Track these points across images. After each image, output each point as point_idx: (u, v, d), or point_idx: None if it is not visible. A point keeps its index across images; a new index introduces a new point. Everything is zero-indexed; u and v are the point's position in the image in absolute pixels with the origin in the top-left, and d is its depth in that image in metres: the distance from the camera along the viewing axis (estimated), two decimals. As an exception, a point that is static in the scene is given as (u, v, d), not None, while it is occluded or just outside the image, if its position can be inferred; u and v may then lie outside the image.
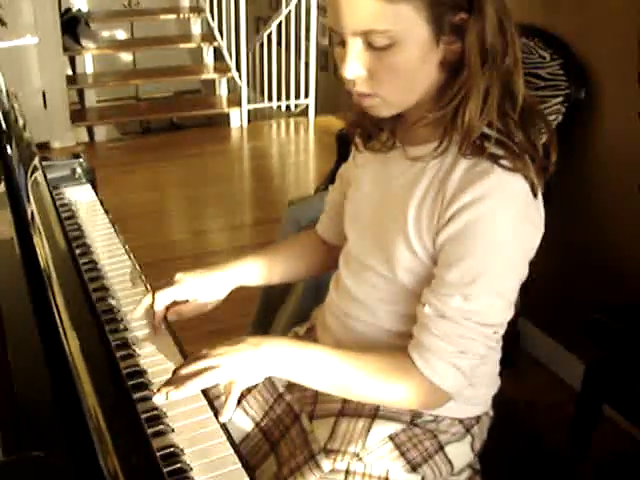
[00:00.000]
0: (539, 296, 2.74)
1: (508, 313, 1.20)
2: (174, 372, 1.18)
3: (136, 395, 1.19)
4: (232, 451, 1.14)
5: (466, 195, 1.12)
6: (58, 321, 1.04)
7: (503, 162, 1.12)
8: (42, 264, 1.18)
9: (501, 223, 1.13)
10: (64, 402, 0.88)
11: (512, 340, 2.86)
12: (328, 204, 1.56)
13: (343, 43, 1.14)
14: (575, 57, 2.49)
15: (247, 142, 5.67)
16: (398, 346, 1.28)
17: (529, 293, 2.61)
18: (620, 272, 2.46)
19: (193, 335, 2.90)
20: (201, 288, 1.45)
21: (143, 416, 1.13)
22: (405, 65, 1.13)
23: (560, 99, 2.45)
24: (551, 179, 2.53)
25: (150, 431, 1.10)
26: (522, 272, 1.20)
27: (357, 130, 1.36)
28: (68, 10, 6.02)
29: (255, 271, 1.52)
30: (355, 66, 1.14)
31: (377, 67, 1.13)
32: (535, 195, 1.16)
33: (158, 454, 1.05)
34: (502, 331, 1.22)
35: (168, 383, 1.15)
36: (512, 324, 2.83)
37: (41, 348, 0.97)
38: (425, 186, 1.20)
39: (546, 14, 2.62)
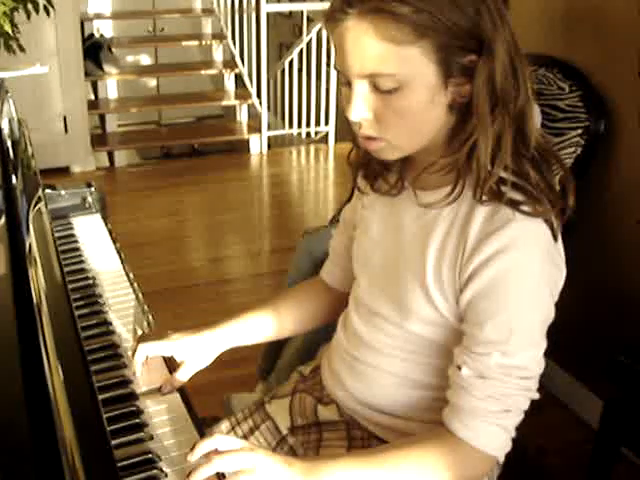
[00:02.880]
0: (559, 333, 2.68)
1: (543, 360, 1.17)
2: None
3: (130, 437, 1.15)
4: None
5: (489, 246, 1.09)
6: (44, 357, 1.00)
7: (523, 207, 1.09)
8: (35, 297, 1.14)
9: (529, 272, 1.10)
10: (41, 443, 0.85)
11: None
12: (332, 250, 1.52)
13: (349, 84, 1.11)
14: (595, 89, 2.44)
15: (267, 169, 5.66)
16: (417, 397, 1.26)
17: (549, 329, 2.58)
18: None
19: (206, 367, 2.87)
20: (188, 348, 1.38)
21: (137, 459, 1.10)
22: (412, 108, 1.09)
23: (579, 131, 2.41)
24: (570, 215, 2.50)
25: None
26: (551, 316, 1.17)
27: (361, 171, 1.32)
28: (91, 35, 6.06)
29: (254, 329, 1.46)
30: (361, 109, 1.11)
31: (383, 110, 1.10)
32: (555, 238, 1.13)
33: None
34: (537, 381, 1.18)
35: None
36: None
37: (22, 385, 0.93)
38: (442, 234, 1.16)
39: (565, 45, 2.59)
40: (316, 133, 6.09)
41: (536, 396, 1.16)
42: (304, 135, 6.10)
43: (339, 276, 1.49)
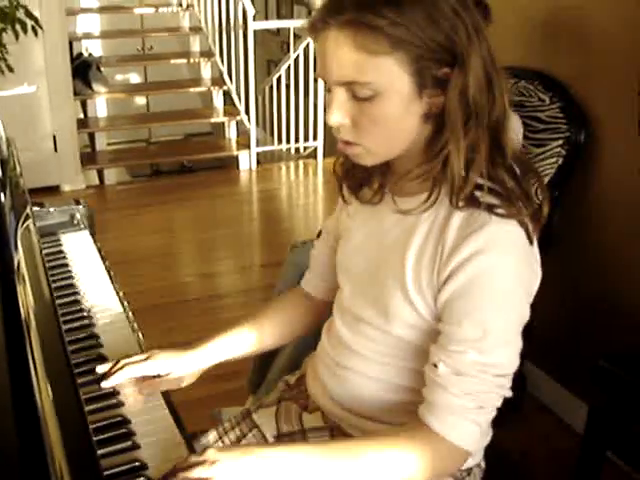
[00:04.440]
0: (545, 341, 2.72)
1: (518, 359, 1.19)
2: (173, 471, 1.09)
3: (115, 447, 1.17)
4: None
5: (466, 248, 1.12)
6: (33, 376, 1.02)
7: (498, 210, 1.12)
8: (23, 312, 1.17)
9: (504, 273, 1.13)
10: (29, 457, 0.87)
11: (518, 384, 2.84)
12: (313, 259, 1.55)
13: (330, 90, 1.16)
14: (574, 100, 2.49)
15: (256, 184, 5.70)
16: (399, 401, 1.28)
17: (535, 337, 2.60)
18: (625, 316, 2.43)
19: (198, 378, 2.89)
20: (171, 367, 1.40)
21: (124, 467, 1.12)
22: (387, 116, 1.13)
23: (560, 142, 2.45)
24: (553, 223, 2.53)
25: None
26: (526, 317, 1.21)
27: (345, 181, 1.35)
28: (80, 54, 6.10)
29: (238, 344, 1.49)
30: (338, 114, 1.15)
31: (360, 117, 1.14)
32: (531, 242, 1.17)
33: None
34: (511, 379, 1.20)
35: None
36: (518, 368, 2.81)
37: (11, 400, 0.95)
38: (422, 238, 1.19)
39: (546, 58, 2.63)
40: (305, 148, 6.13)
41: (509, 394, 1.18)
42: (293, 151, 6.14)
43: (319, 285, 1.53)
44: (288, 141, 6.08)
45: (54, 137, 5.20)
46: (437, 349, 1.17)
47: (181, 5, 6.97)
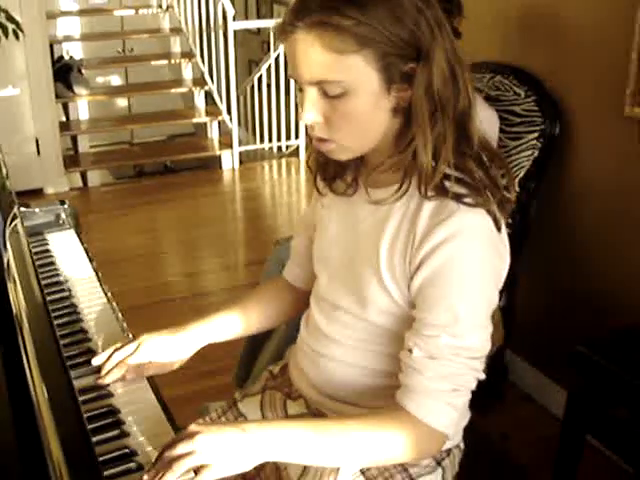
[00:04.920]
0: (526, 329, 2.77)
1: (489, 342, 1.23)
2: (160, 454, 1.11)
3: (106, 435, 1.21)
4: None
5: (436, 236, 1.17)
6: (27, 370, 1.06)
7: (466, 200, 1.17)
8: (15, 312, 1.21)
9: (472, 259, 1.18)
10: (28, 453, 0.90)
11: (500, 373, 2.90)
12: (293, 250, 1.60)
13: (302, 90, 1.20)
14: (549, 94, 2.55)
15: (239, 183, 5.73)
16: (375, 385, 1.33)
17: (516, 327, 2.66)
18: (603, 303, 2.49)
19: (186, 375, 2.93)
20: (164, 350, 1.44)
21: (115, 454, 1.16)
22: (358, 112, 1.18)
23: (536, 134, 2.50)
24: (530, 214, 2.59)
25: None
26: (495, 302, 1.25)
27: (320, 174, 1.40)
28: (61, 57, 6.11)
29: (225, 327, 1.54)
30: (312, 113, 1.19)
31: (332, 114, 1.19)
32: (499, 229, 1.21)
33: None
34: (484, 361, 1.24)
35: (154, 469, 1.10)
36: (499, 357, 2.86)
37: (7, 397, 0.99)
38: (395, 226, 1.24)
39: (521, 53, 2.68)
40: (287, 147, 6.17)
41: (482, 376, 1.23)
42: (275, 149, 6.18)
43: (300, 275, 1.58)
44: (270, 140, 6.11)
45: (37, 140, 5.22)
46: (411, 334, 1.22)
47: (161, 6, 6.98)
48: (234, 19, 5.67)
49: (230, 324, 1.54)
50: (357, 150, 1.26)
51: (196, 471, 1.08)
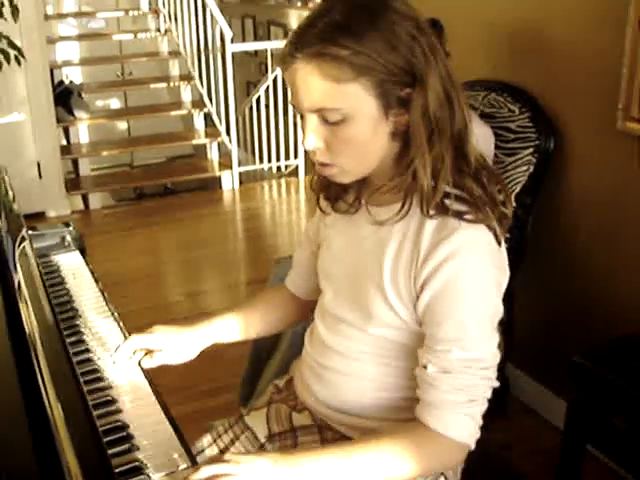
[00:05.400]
0: (525, 343, 2.80)
1: (498, 351, 1.27)
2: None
3: (117, 449, 1.25)
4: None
5: (439, 253, 1.20)
6: (43, 391, 1.10)
7: (467, 217, 1.21)
8: (28, 333, 1.25)
9: (476, 274, 1.22)
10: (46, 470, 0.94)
11: (501, 388, 2.92)
12: (296, 262, 1.65)
13: (302, 117, 1.25)
14: (543, 110, 2.59)
15: (239, 204, 5.78)
16: (379, 397, 1.36)
17: (516, 341, 2.69)
18: (600, 315, 2.52)
19: (188, 394, 2.95)
20: (174, 342, 1.52)
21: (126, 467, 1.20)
22: (357, 138, 1.22)
23: (531, 150, 2.55)
24: (527, 228, 2.62)
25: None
26: (500, 312, 1.29)
27: (322, 194, 1.45)
28: (61, 82, 6.18)
29: (229, 329, 1.60)
30: (313, 139, 1.24)
31: (332, 140, 1.23)
32: (499, 243, 1.25)
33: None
34: (496, 370, 1.28)
35: None
36: (500, 371, 2.89)
37: (25, 416, 1.03)
38: (396, 246, 1.28)
39: (514, 71, 2.73)
40: (286, 167, 6.22)
41: (496, 384, 1.27)
42: (275, 169, 6.23)
43: (301, 285, 1.63)
44: (270, 160, 6.17)
45: (38, 164, 5.27)
46: (424, 351, 1.25)
47: (159, 30, 7.06)
48: (232, 41, 5.74)
49: (235, 326, 1.60)
50: (358, 173, 1.30)
51: None
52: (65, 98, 5.91)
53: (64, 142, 6.13)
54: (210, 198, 5.88)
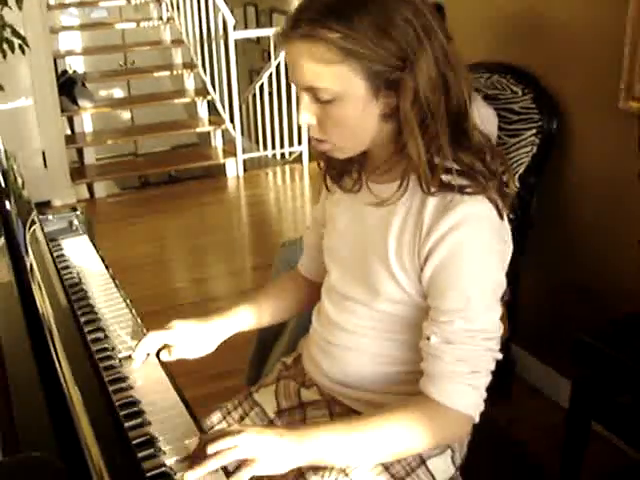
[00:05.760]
0: (530, 323, 2.82)
1: (501, 324, 1.29)
2: (198, 447, 1.19)
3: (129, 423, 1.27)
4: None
5: (442, 225, 1.23)
6: (58, 367, 1.13)
7: (468, 190, 1.23)
8: (42, 313, 1.27)
9: (479, 245, 1.25)
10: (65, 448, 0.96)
11: (507, 368, 2.94)
12: (306, 245, 1.68)
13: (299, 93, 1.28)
14: (545, 91, 2.60)
15: (244, 191, 5.80)
16: (384, 372, 1.39)
17: (520, 321, 2.71)
18: (605, 294, 2.54)
19: (196, 378, 2.97)
20: (192, 336, 1.54)
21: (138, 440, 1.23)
22: (347, 117, 1.25)
23: (534, 131, 2.56)
24: (531, 208, 2.64)
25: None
26: (503, 285, 1.31)
27: (328, 172, 1.47)
28: (65, 72, 6.19)
29: (245, 318, 1.62)
30: (306, 115, 1.28)
31: (324, 117, 1.27)
32: (501, 217, 1.27)
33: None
34: (499, 342, 1.30)
35: (191, 460, 1.18)
36: (506, 352, 2.90)
37: (42, 392, 1.05)
38: (401, 220, 1.30)
39: (517, 52, 2.74)
40: (290, 153, 6.23)
41: (499, 356, 1.29)
42: (279, 156, 6.24)
43: (312, 267, 1.65)
44: (273, 147, 6.18)
45: (43, 153, 5.29)
46: (428, 324, 1.28)
47: (162, 19, 7.06)
48: (234, 29, 5.74)
49: (251, 315, 1.62)
50: (351, 150, 1.33)
51: (236, 467, 1.15)
52: (69, 87, 5.92)
53: (68, 131, 6.14)
54: (215, 185, 5.89)
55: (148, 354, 1.49)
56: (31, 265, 1.50)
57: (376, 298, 1.35)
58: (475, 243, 1.24)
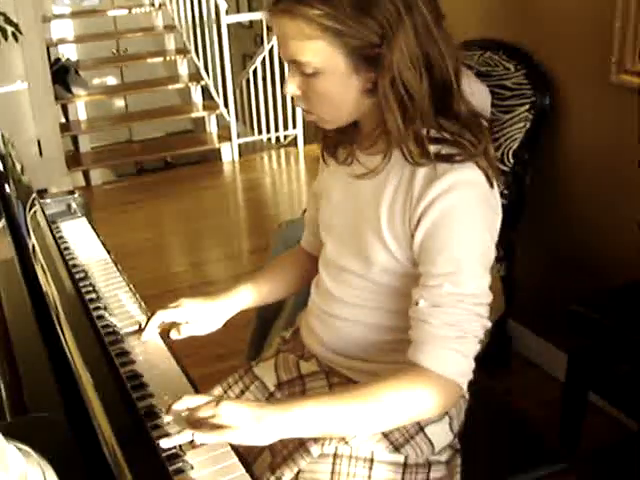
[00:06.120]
0: (527, 298, 2.85)
1: (490, 291, 1.31)
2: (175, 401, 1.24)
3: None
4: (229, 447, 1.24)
5: (431, 192, 1.25)
6: (64, 342, 1.15)
7: (457, 158, 1.26)
8: (45, 291, 1.30)
9: (468, 210, 1.27)
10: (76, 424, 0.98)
11: (504, 343, 2.97)
12: (307, 220, 1.70)
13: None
14: (537, 66, 2.62)
15: (240, 175, 5.81)
16: (379, 340, 1.41)
17: (517, 296, 2.74)
18: (596, 266, 2.57)
19: (196, 359, 3.00)
20: (200, 313, 1.59)
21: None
22: (328, 90, 1.29)
23: (527, 107, 2.57)
24: (525, 183, 2.66)
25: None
26: (492, 254, 1.33)
27: (323, 143, 1.49)
28: (58, 60, 6.19)
29: (251, 295, 1.66)
30: (291, 86, 1.32)
31: (307, 90, 1.31)
32: (491, 184, 1.30)
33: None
34: (489, 310, 1.31)
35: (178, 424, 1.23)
36: (502, 327, 2.92)
37: (49, 363, 1.08)
38: (393, 190, 1.33)
39: (508, 29, 2.76)
40: (285, 137, 6.24)
41: (488, 324, 1.30)
42: (274, 140, 6.25)
43: (313, 242, 1.68)
44: (268, 131, 6.19)
45: (39, 142, 5.30)
46: (417, 289, 1.30)
47: (153, 5, 7.05)
48: (227, 13, 5.74)
49: (257, 291, 1.66)
50: (335, 122, 1.36)
51: None
52: (62, 75, 5.92)
53: (63, 120, 6.14)
54: (210, 170, 5.90)
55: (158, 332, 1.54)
56: (33, 246, 1.52)
57: (370, 269, 1.38)
58: (464, 208, 1.26)
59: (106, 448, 0.95)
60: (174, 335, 1.55)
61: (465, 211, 1.26)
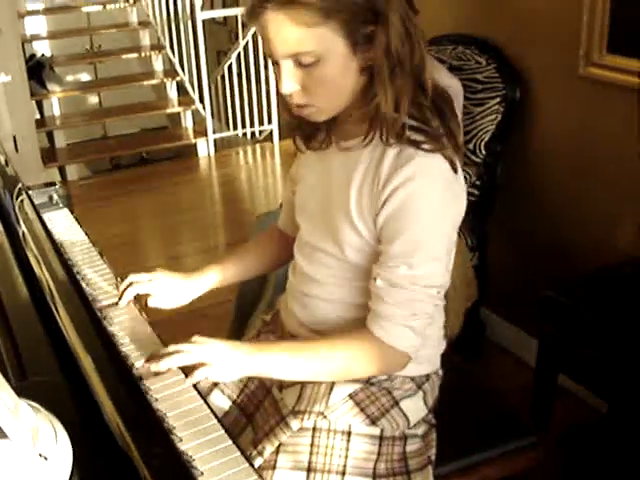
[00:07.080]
0: (499, 286, 2.92)
1: (446, 275, 1.40)
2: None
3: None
4: (215, 421, 1.28)
5: (397, 178, 1.33)
6: (57, 315, 1.21)
7: (424, 146, 1.33)
8: (38, 275, 1.35)
9: (429, 198, 1.34)
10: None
11: (477, 330, 3.04)
12: (283, 202, 1.78)
13: (277, 64, 1.35)
14: (508, 60, 2.70)
15: (215, 170, 5.84)
16: (353, 317, 1.48)
17: (489, 284, 2.81)
18: (566, 253, 2.64)
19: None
20: (171, 288, 1.68)
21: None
22: (330, 76, 1.33)
23: (498, 100, 2.65)
24: (497, 174, 2.73)
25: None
26: (452, 238, 1.42)
27: (298, 134, 1.55)
28: (33, 56, 6.18)
29: (225, 273, 1.73)
30: (289, 83, 1.35)
31: (308, 81, 1.34)
32: (455, 171, 1.37)
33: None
34: (443, 291, 1.42)
35: (147, 360, 1.36)
36: (475, 314, 2.98)
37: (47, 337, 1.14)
38: (362, 173, 1.39)
39: (480, 24, 2.83)
40: (260, 132, 6.28)
41: (441, 303, 1.43)
42: (249, 135, 6.29)
43: (288, 223, 1.74)
44: (244, 126, 6.23)
45: (14, 138, 5.29)
46: (376, 266, 1.38)
47: (128, 1, 7.06)
48: (202, 9, 5.77)
49: (231, 269, 1.74)
50: (333, 110, 1.41)
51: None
52: (38, 72, 5.92)
53: (38, 115, 6.14)
54: (186, 166, 5.93)
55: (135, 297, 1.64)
56: (24, 234, 1.57)
57: (342, 249, 1.44)
58: (426, 195, 1.33)
59: (101, 406, 1.01)
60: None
61: (426, 198, 1.33)
